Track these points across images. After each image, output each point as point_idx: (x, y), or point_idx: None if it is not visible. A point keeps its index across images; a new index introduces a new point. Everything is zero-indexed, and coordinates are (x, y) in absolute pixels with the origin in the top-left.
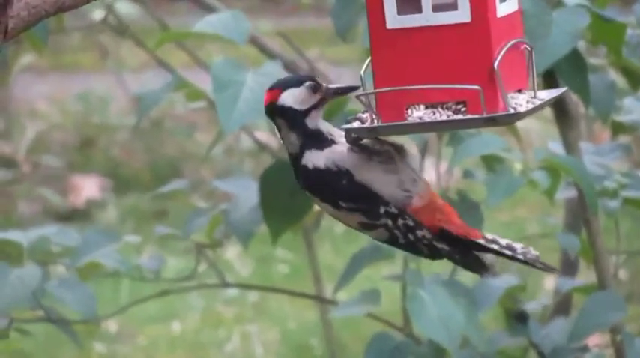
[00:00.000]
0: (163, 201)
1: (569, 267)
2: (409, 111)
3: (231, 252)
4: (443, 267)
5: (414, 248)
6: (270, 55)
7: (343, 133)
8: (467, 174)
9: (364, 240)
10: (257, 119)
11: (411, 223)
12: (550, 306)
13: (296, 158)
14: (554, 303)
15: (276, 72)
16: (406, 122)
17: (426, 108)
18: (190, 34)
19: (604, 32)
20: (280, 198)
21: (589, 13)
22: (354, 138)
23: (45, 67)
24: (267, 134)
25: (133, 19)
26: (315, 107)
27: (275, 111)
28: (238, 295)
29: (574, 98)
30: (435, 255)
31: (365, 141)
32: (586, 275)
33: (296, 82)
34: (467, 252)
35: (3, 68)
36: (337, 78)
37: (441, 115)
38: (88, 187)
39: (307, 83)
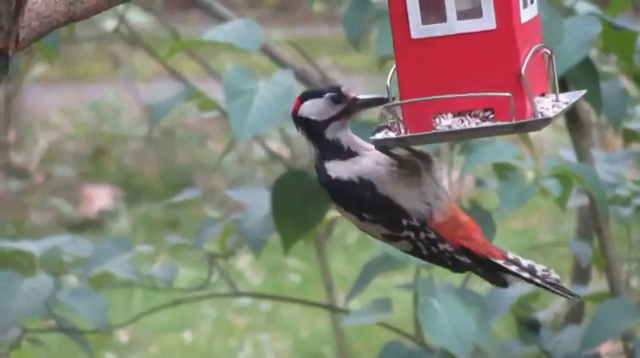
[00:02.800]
0: (176, 211)
1: (581, 275)
2: (436, 119)
3: (243, 261)
4: (455, 275)
5: (439, 259)
6: (282, 64)
7: (369, 144)
8: (479, 182)
9: (376, 248)
10: (269, 128)
11: (432, 236)
12: (562, 314)
13: (317, 167)
14: (566, 311)
15: (287, 81)
16: (435, 131)
17: (454, 116)
18: (202, 43)
19: (615, 40)
20: (292, 207)
21: (600, 21)
22: (382, 147)
23: (57, 77)
24: (278, 143)
25: (144, 28)
26: (336, 118)
27: (296, 121)
28: (250, 304)
29: (586, 106)
30: (458, 267)
31: (392, 150)
32: (598, 283)
33: (318, 93)
34: (489, 267)
35: (15, 78)
36: (349, 86)
37: (470, 123)
38: (100, 197)
39: (328, 94)
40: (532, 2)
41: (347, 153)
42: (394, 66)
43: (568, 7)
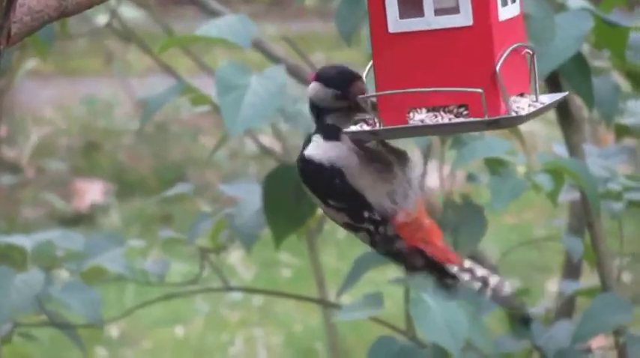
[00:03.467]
0: (168, 205)
1: (572, 270)
2: (411, 114)
3: (235, 256)
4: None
5: (393, 257)
6: (275, 60)
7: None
8: (471, 177)
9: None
10: (262, 123)
11: (390, 233)
12: (553, 309)
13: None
14: (558, 306)
15: (280, 76)
16: (408, 125)
17: (428, 111)
18: (195, 38)
19: (608, 36)
20: (284, 202)
21: (592, 17)
22: (356, 140)
23: (50, 72)
24: (271, 138)
25: (138, 23)
26: (338, 110)
27: (310, 100)
28: (243, 299)
29: (578, 101)
30: (410, 268)
31: (369, 144)
32: (590, 278)
33: (328, 80)
34: (441, 274)
35: (7, 73)
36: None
37: (443, 118)
38: (93, 191)
39: (332, 91)
40: (513, 1)
41: (332, 136)
42: (371, 61)
43: (560, 2)
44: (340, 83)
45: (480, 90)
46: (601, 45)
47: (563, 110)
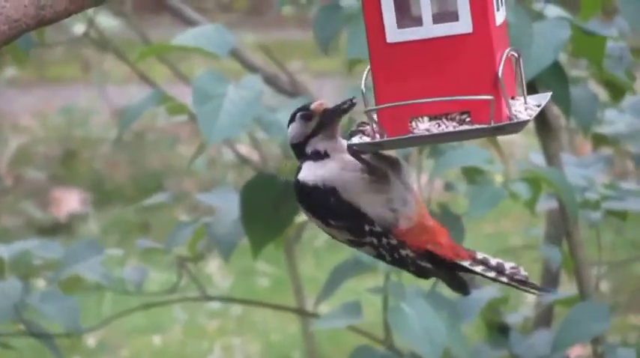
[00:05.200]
0: (146, 214)
1: (550, 279)
2: (413, 124)
3: (212, 265)
4: (424, 279)
5: (402, 264)
6: (252, 68)
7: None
8: (448, 186)
9: (346, 252)
10: (239, 132)
11: (394, 242)
12: (532, 318)
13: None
14: (536, 315)
15: (257, 85)
16: (413, 135)
17: (430, 119)
18: (172, 47)
19: (585, 44)
20: (261, 211)
21: (570, 26)
22: (354, 152)
23: (29, 80)
24: (248, 147)
25: (115, 32)
26: (313, 135)
27: (293, 149)
28: (221, 308)
29: (555, 110)
30: (421, 272)
31: (364, 156)
32: (568, 287)
33: (291, 117)
34: (453, 272)
35: None
36: (319, 90)
37: (447, 126)
38: (70, 200)
39: (298, 115)
40: (502, 5)
41: (320, 156)
42: (367, 69)
43: (538, 11)
44: (302, 109)
45: (490, 97)
46: (579, 53)
47: (541, 119)
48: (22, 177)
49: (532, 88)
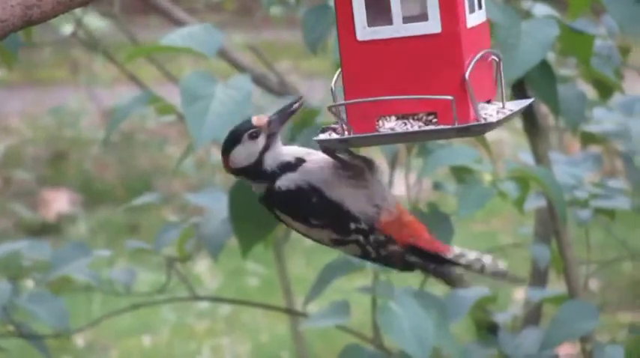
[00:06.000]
0: (135, 215)
1: (539, 278)
2: (380, 122)
3: (201, 265)
4: (413, 279)
5: (386, 261)
6: (241, 69)
7: (313, 149)
8: (437, 185)
9: (335, 252)
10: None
11: (382, 238)
12: (521, 317)
13: (265, 196)
14: (525, 314)
15: (245, 85)
16: (377, 133)
17: (397, 119)
18: (161, 48)
19: (573, 43)
20: (250, 211)
21: (558, 24)
22: (327, 149)
23: (17, 82)
24: None
25: (104, 33)
26: (266, 149)
27: (235, 174)
28: (210, 308)
29: (544, 109)
30: (406, 267)
31: (338, 154)
32: (557, 286)
33: (235, 139)
34: (439, 264)
35: None
36: (309, 90)
37: (413, 126)
38: (59, 201)
39: (245, 134)
40: (480, 8)
41: (293, 166)
42: (340, 69)
43: (526, 10)
44: (242, 127)
45: (450, 97)
46: (567, 52)
47: (529, 118)
48: (12, 178)
49: (521, 88)
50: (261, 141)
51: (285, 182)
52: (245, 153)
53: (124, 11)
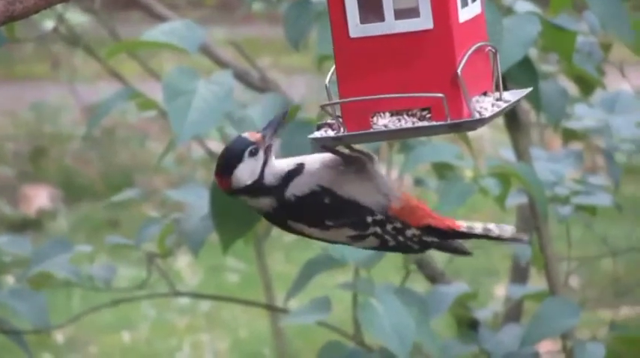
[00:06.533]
0: (116, 210)
1: (520, 274)
2: (374, 119)
3: (182, 261)
4: (394, 275)
5: (404, 247)
6: (223, 64)
7: (308, 155)
8: (418, 182)
9: (316, 248)
10: (210, 128)
11: (399, 225)
12: (501, 314)
13: (274, 211)
14: (506, 310)
15: (227, 81)
16: (372, 130)
17: (391, 115)
18: (142, 44)
19: (555, 39)
20: (231, 207)
21: (540, 21)
22: (324, 146)
23: None
24: (218, 143)
25: (85, 28)
26: (265, 164)
27: (237, 194)
28: (190, 304)
29: (525, 105)
30: (424, 248)
31: (338, 149)
32: (537, 282)
33: (236, 158)
34: (455, 238)
35: None
36: (289, 86)
37: (406, 122)
38: (40, 197)
39: (246, 152)
40: (473, 1)
41: (299, 169)
42: (334, 66)
43: (507, 6)
44: (241, 144)
45: (440, 95)
46: (549, 48)
47: (510, 114)
48: None
49: (503, 84)
50: (262, 156)
51: (294, 190)
52: (249, 171)
53: (105, 7)
